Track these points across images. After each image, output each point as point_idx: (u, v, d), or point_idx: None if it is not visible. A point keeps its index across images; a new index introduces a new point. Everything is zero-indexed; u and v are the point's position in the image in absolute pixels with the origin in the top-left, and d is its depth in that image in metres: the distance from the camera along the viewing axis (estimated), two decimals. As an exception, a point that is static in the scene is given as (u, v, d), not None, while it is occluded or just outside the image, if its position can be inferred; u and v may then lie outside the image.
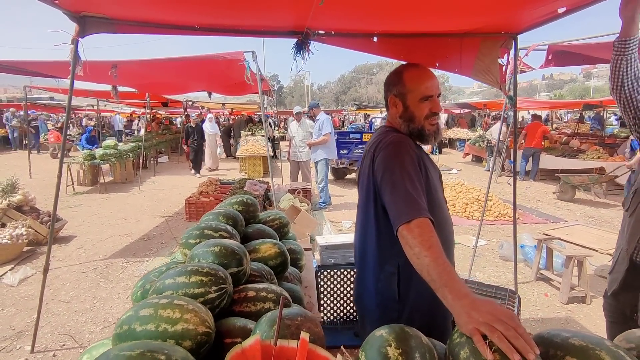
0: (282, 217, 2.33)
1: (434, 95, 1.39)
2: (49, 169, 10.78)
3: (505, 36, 2.42)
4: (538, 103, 11.63)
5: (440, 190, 1.47)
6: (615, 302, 1.76)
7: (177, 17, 2.20)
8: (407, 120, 1.41)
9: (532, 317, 3.28)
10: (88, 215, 6.43)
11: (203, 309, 1.12)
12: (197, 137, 10.90)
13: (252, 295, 1.36)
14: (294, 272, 2.02)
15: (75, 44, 2.23)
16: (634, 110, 1.71)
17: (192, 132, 11.01)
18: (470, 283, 2.49)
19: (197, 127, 11.12)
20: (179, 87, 6.24)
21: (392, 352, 0.84)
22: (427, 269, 1.05)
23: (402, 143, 1.33)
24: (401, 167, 1.25)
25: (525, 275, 4.18)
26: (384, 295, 1.43)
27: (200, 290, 1.23)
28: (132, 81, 5.07)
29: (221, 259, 1.43)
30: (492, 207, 6.59)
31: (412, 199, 1.17)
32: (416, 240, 1.09)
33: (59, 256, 4.60)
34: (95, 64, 3.76)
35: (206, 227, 1.74)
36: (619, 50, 1.67)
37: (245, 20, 2.11)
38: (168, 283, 1.27)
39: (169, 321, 1.03)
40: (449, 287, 0.99)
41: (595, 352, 0.82)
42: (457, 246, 5.13)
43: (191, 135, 10.97)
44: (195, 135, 10.94)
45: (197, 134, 10.99)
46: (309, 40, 2.13)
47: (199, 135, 10.95)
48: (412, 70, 1.44)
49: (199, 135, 10.94)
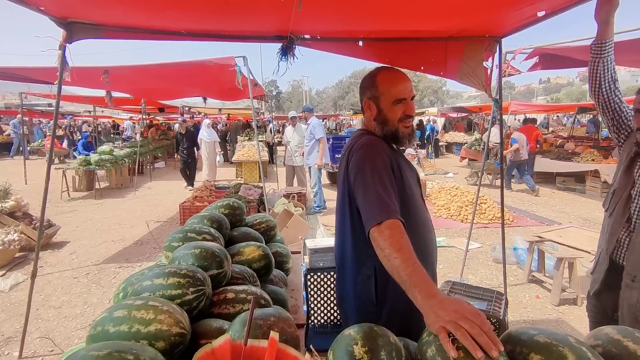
0: (269, 221, 2.34)
1: (407, 98, 1.40)
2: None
3: (490, 40, 2.45)
4: (533, 106, 11.71)
5: (417, 192, 1.48)
6: (597, 302, 1.77)
7: (163, 23, 2.22)
8: (381, 123, 1.43)
9: (523, 319, 3.28)
10: (82, 221, 6.42)
11: (178, 310, 1.12)
12: (187, 145, 9.30)
13: (232, 297, 1.37)
14: (279, 274, 2.03)
15: (63, 49, 2.24)
16: (611, 112, 1.73)
17: (182, 140, 9.36)
18: (458, 285, 2.49)
19: (188, 133, 9.44)
20: (172, 92, 6.26)
21: (358, 350, 0.85)
22: (397, 270, 1.06)
23: (374, 146, 1.34)
24: (372, 169, 1.26)
25: (518, 278, 4.18)
26: (362, 298, 1.43)
27: (177, 291, 1.24)
28: (125, 87, 5.10)
29: (201, 261, 1.43)
30: (486, 210, 6.61)
31: (382, 201, 1.18)
32: (386, 242, 1.10)
33: (51, 262, 4.59)
34: (86, 70, 3.78)
35: (190, 230, 1.75)
36: (596, 53, 1.70)
37: (230, 25, 2.13)
38: (146, 285, 1.28)
39: (142, 322, 1.04)
40: (418, 287, 1.00)
41: (559, 349, 0.83)
42: (450, 249, 5.14)
43: (181, 142, 9.36)
44: (186, 142, 9.32)
45: (187, 141, 9.36)
46: (293, 44, 2.15)
47: (190, 143, 9.36)
48: (385, 73, 1.46)
49: (190, 142, 9.38)
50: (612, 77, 1.71)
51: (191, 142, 9.42)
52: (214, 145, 9.92)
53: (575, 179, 9.17)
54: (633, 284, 1.55)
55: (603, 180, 8.08)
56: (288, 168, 7.70)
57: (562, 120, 21.93)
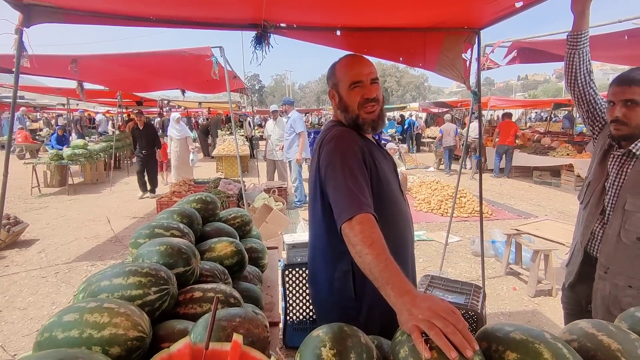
0: (244, 215, 2.26)
1: (364, 80, 1.34)
2: (17, 171, 10.27)
3: (468, 31, 2.43)
4: (512, 102, 11.95)
5: (394, 183, 1.44)
6: (571, 294, 1.78)
7: (131, 8, 2.09)
8: (344, 110, 1.38)
9: (501, 312, 3.32)
10: (53, 218, 6.16)
11: (137, 312, 1.04)
12: (146, 144, 7.55)
13: (199, 296, 1.30)
14: (254, 271, 1.96)
15: (20, 34, 2.09)
16: (586, 104, 1.73)
17: (140, 137, 7.59)
18: (436, 279, 2.49)
19: (147, 129, 7.69)
20: (148, 84, 6.05)
21: (326, 353, 0.80)
22: (369, 266, 1.01)
23: (344, 137, 1.29)
24: (342, 161, 1.21)
25: (496, 270, 4.24)
26: (340, 295, 1.38)
27: (138, 292, 1.15)
28: (96, 77, 4.88)
29: (167, 259, 1.35)
30: (466, 203, 6.69)
31: (353, 195, 1.13)
32: (357, 238, 1.05)
33: (18, 261, 4.37)
34: (52, 58, 3.58)
35: (157, 226, 1.66)
36: (572, 44, 1.69)
37: (201, 12, 2.03)
38: (104, 285, 1.19)
39: (95, 326, 0.96)
40: (391, 284, 0.95)
41: (535, 346, 0.80)
42: (430, 243, 5.18)
43: (138, 140, 7.64)
44: (144, 140, 7.55)
45: (146, 138, 7.56)
46: (268, 33, 2.07)
47: (148, 142, 7.59)
48: (343, 59, 1.42)
49: (149, 141, 7.62)
50: (588, 69, 1.70)
51: (151, 140, 7.70)
52: (185, 142, 8.39)
53: (551, 173, 9.42)
54: (606, 275, 1.56)
55: (577, 174, 8.33)
56: (269, 162, 7.60)
57: (540, 116, 22.50)
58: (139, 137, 7.63)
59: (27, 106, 17.24)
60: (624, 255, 1.51)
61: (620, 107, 1.48)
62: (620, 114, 1.48)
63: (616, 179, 1.57)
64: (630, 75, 1.48)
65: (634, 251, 1.48)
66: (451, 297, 2.31)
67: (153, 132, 7.87)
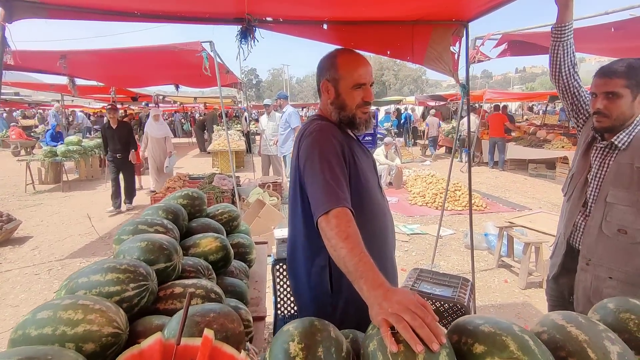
0: (232, 211, 2.26)
1: (367, 83, 1.35)
2: (11, 168, 10.26)
3: (457, 24, 2.41)
4: (507, 94, 11.94)
5: (372, 179, 1.44)
6: (555, 286, 1.79)
7: (114, 2, 2.07)
8: (339, 107, 1.37)
9: (491, 304, 3.35)
10: (47, 215, 6.15)
11: (113, 308, 1.05)
12: (120, 147, 6.18)
13: (179, 292, 1.30)
14: (240, 266, 1.97)
15: (2, 30, 2.06)
16: (570, 96, 1.72)
17: (113, 137, 6.18)
18: (425, 272, 2.50)
19: (121, 127, 6.24)
20: (141, 80, 6.00)
21: (293, 348, 0.80)
22: (343, 260, 1.01)
23: (324, 131, 1.29)
24: (321, 156, 1.21)
25: (488, 263, 4.27)
26: (317, 289, 1.39)
27: (116, 288, 1.16)
28: (86, 73, 4.84)
29: (148, 255, 1.36)
30: (460, 197, 6.71)
31: (330, 189, 1.13)
32: (333, 232, 1.06)
33: (11, 258, 4.37)
34: (41, 54, 3.55)
35: (141, 222, 1.67)
36: (556, 36, 1.68)
37: (185, 5, 2.01)
38: (82, 282, 1.19)
39: (69, 323, 0.96)
40: (364, 278, 0.96)
41: (502, 338, 0.81)
42: (424, 236, 5.19)
43: (110, 142, 6.23)
44: (118, 142, 6.16)
45: (119, 140, 6.17)
46: (253, 27, 2.05)
47: (123, 143, 6.22)
48: (346, 55, 1.39)
49: (124, 142, 6.24)
50: (572, 62, 1.70)
51: (125, 141, 6.26)
52: (164, 142, 7.22)
53: (546, 166, 9.43)
54: (587, 267, 1.57)
55: (571, 166, 8.36)
56: (264, 157, 7.59)
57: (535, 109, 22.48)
58: (112, 137, 6.19)
59: (22, 103, 17.11)
60: (605, 247, 1.52)
61: (601, 99, 1.49)
62: (601, 106, 1.49)
63: (598, 171, 1.57)
64: (612, 67, 1.47)
65: (614, 243, 1.49)
66: (439, 290, 2.32)
67: (128, 131, 6.37)
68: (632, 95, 1.44)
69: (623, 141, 1.49)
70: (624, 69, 1.44)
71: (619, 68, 1.45)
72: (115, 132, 6.17)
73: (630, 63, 1.44)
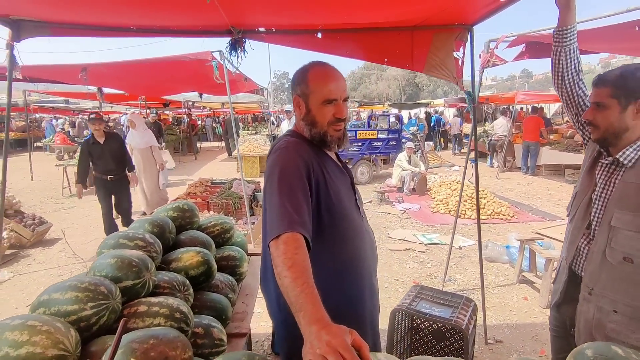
0: (225, 223, 2.26)
1: (338, 99, 1.28)
2: (52, 172, 10.95)
3: (460, 28, 2.28)
4: (540, 96, 11.26)
5: (348, 197, 1.37)
6: (557, 315, 1.62)
7: (110, 19, 2.13)
8: (309, 124, 1.32)
9: (507, 323, 3.13)
10: (78, 218, 6.48)
11: (62, 329, 1.05)
12: (114, 165, 4.84)
13: (143, 311, 1.30)
14: (226, 280, 1.95)
15: (10, 48, 2.18)
16: (575, 106, 1.57)
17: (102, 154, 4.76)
18: (425, 290, 2.38)
19: (110, 141, 4.83)
20: (162, 88, 6.21)
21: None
22: (286, 290, 0.96)
23: (288, 149, 1.24)
24: (281, 176, 1.16)
25: (509, 278, 4.02)
26: (286, 310, 1.33)
27: (73, 307, 1.17)
28: (110, 83, 5.07)
29: (116, 272, 1.37)
30: (485, 205, 6.40)
31: (285, 212, 1.08)
32: (280, 259, 1.00)
33: (40, 259, 4.64)
34: (64, 68, 3.75)
35: (122, 236, 1.70)
36: (558, 41, 1.54)
37: (176, 20, 2.03)
38: (43, 299, 1.21)
39: (13, 344, 0.97)
40: (302, 312, 0.90)
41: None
42: (443, 247, 4.98)
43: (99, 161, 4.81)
44: (110, 160, 4.80)
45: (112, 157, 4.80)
46: (243, 39, 2.04)
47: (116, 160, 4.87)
48: (317, 68, 1.33)
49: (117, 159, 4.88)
50: (576, 68, 1.55)
51: (119, 158, 4.92)
52: (150, 153, 6.00)
53: (584, 172, 8.82)
54: (590, 297, 1.41)
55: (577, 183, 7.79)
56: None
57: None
58: (100, 155, 4.76)
59: (66, 110, 18.30)
60: (608, 276, 1.35)
61: (591, 109, 1.36)
62: (590, 117, 1.35)
63: (604, 191, 1.41)
64: (604, 75, 1.35)
65: (619, 272, 1.33)
66: (438, 310, 2.20)
67: (120, 144, 4.98)
68: (620, 106, 1.29)
69: (629, 158, 1.32)
70: (613, 78, 1.30)
71: (608, 77, 1.32)
72: (105, 148, 4.76)
73: (624, 71, 1.29)
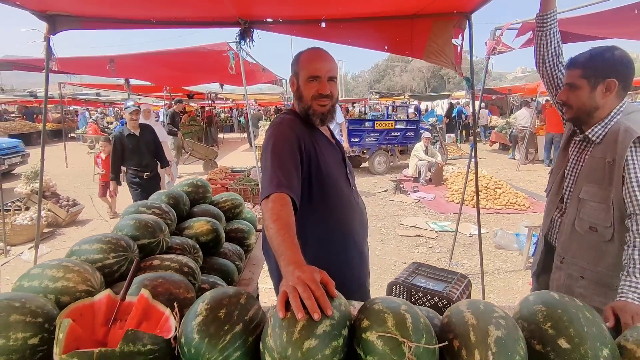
0: (235, 199, 2.46)
1: (322, 77, 1.43)
2: (85, 160, 11.62)
3: (458, 15, 2.36)
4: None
5: (337, 170, 1.52)
6: (537, 284, 1.73)
7: (133, 12, 2.35)
8: (298, 98, 1.49)
9: (508, 305, 3.20)
10: (108, 201, 6.93)
11: (89, 271, 1.27)
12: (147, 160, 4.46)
13: (157, 264, 1.50)
14: (235, 249, 2.14)
15: (47, 41, 2.44)
16: (555, 88, 1.65)
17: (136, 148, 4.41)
18: (423, 267, 2.51)
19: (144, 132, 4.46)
20: (185, 79, 6.49)
21: (201, 307, 0.93)
22: (271, 239, 1.13)
23: (282, 124, 1.41)
24: (274, 146, 1.33)
25: (516, 264, 4.07)
26: None
27: (98, 256, 1.39)
28: (136, 74, 5.38)
29: (134, 231, 1.58)
30: (500, 195, 6.38)
31: (275, 176, 1.25)
32: (267, 214, 1.17)
33: (74, 237, 5.04)
34: (93, 60, 4.05)
35: (142, 205, 1.91)
36: (539, 25, 1.62)
37: (190, 12, 2.22)
38: (75, 249, 1.44)
39: (52, 279, 1.19)
40: (283, 256, 1.06)
41: (384, 315, 0.88)
42: (453, 234, 5.03)
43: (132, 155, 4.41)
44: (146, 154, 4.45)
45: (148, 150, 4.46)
46: (251, 29, 2.21)
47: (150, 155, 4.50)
48: (309, 51, 1.50)
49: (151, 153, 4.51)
50: (556, 52, 1.63)
51: (153, 151, 4.53)
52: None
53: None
54: (562, 265, 1.52)
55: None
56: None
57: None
58: (135, 149, 4.38)
59: (97, 102, 19.16)
60: (577, 245, 1.46)
61: (565, 90, 1.44)
62: (564, 97, 1.44)
63: (575, 166, 1.51)
64: (575, 58, 1.44)
65: (586, 241, 1.43)
66: (432, 284, 2.32)
67: (154, 137, 4.58)
68: (589, 86, 1.37)
69: (597, 134, 1.41)
70: (583, 60, 1.39)
71: (579, 59, 1.41)
72: (140, 141, 4.40)
73: (593, 53, 1.37)
